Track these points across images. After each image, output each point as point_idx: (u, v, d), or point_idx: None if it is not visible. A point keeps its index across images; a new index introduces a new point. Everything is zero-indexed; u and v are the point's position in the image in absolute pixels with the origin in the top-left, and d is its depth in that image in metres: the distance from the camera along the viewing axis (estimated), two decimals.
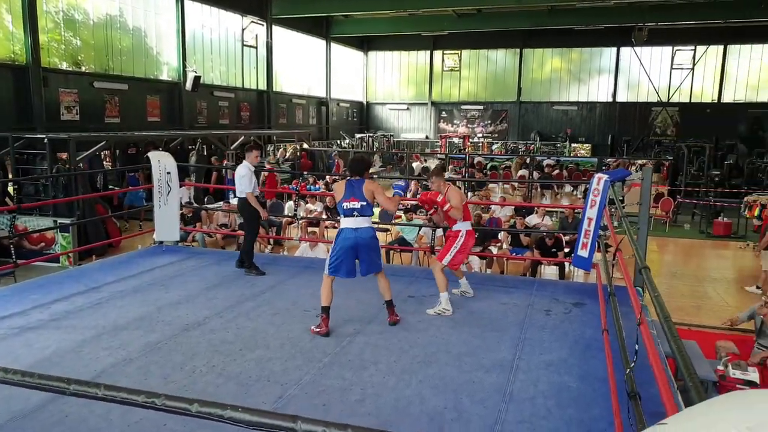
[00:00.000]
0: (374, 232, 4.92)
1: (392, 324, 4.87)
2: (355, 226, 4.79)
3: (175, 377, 3.84)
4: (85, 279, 6.15)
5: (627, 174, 7.52)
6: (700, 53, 29.03)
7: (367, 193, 4.77)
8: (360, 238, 4.77)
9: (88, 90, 15.88)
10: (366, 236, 4.80)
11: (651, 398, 2.88)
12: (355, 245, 4.76)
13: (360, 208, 4.77)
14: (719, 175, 18.09)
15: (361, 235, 4.77)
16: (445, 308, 5.19)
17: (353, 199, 4.77)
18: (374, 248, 4.87)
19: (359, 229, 4.78)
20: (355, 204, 4.77)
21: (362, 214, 4.78)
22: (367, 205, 4.78)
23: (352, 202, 4.77)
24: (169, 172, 7.41)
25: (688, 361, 1.59)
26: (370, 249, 4.82)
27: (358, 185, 4.79)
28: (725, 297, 9.61)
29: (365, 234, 4.80)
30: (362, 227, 4.80)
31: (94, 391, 1.46)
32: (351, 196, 4.78)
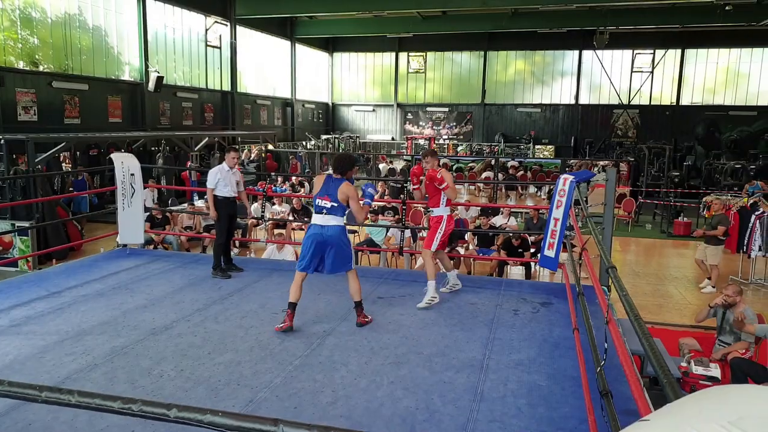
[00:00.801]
0: (341, 231, 4.82)
1: (360, 325, 4.84)
2: (322, 223, 4.77)
3: (142, 382, 3.76)
4: (46, 283, 5.98)
5: (591, 175, 7.67)
6: (659, 57, 29.78)
7: (341, 195, 4.72)
8: (326, 236, 4.74)
9: (47, 90, 15.50)
10: (331, 233, 4.75)
11: (621, 395, 2.93)
12: (321, 242, 4.74)
13: (330, 208, 4.74)
14: (678, 176, 18.53)
15: (326, 233, 4.74)
16: (433, 296, 5.32)
17: (326, 198, 4.75)
18: (340, 246, 4.78)
19: (325, 227, 4.76)
20: (326, 203, 4.75)
21: (330, 214, 4.75)
22: (338, 207, 4.74)
23: (324, 201, 4.75)
24: (132, 174, 7.27)
25: (661, 359, 1.62)
26: (335, 246, 4.75)
27: (335, 184, 4.76)
28: (686, 295, 9.86)
29: (330, 231, 4.75)
30: (329, 225, 4.76)
31: (67, 398, 1.42)
32: (325, 194, 4.76)
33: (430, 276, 5.35)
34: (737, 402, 1.03)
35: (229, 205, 6.54)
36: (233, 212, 6.65)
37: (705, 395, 1.10)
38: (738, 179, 18.15)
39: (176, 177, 16.60)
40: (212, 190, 6.44)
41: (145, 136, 17.48)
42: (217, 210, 6.46)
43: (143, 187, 7.69)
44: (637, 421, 1.07)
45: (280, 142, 26.62)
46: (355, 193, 4.82)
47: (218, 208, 6.46)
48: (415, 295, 5.82)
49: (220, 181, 6.45)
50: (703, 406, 1.05)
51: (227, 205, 6.52)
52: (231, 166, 6.53)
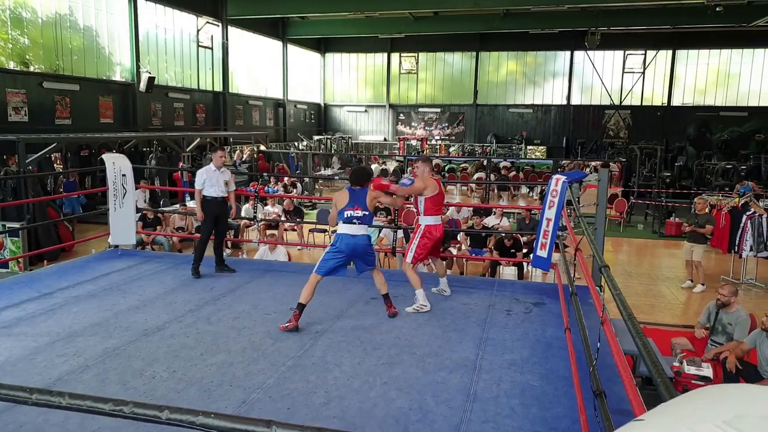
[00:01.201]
0: (369, 239, 5.16)
1: (391, 316, 5.09)
2: (353, 233, 4.96)
3: (134, 384, 3.75)
4: (37, 284, 5.94)
5: (583, 175, 7.69)
6: (650, 58, 29.90)
7: (370, 202, 5.03)
8: (358, 245, 4.97)
9: (37, 90, 15.41)
10: (363, 243, 5.01)
11: (614, 395, 2.94)
12: (353, 252, 4.98)
13: (361, 217, 4.96)
14: (670, 177, 18.63)
15: (358, 242, 4.97)
16: (423, 304, 5.28)
17: (357, 208, 4.96)
18: (370, 253, 5.12)
19: (357, 236, 4.97)
20: (357, 212, 4.96)
21: (362, 223, 4.97)
22: (369, 216, 5.00)
23: (355, 211, 4.96)
24: (124, 175, 7.23)
25: (655, 359, 1.63)
26: (365, 254, 5.06)
27: (362, 194, 5.01)
28: (678, 295, 9.90)
29: (362, 241, 5.00)
30: (359, 234, 4.98)
31: (58, 400, 1.40)
32: (355, 204, 4.97)
33: (415, 285, 5.34)
34: (732, 401, 1.03)
35: (217, 206, 6.50)
36: (221, 212, 6.59)
37: (700, 395, 1.10)
38: (729, 179, 18.27)
39: (168, 178, 16.54)
40: (200, 191, 6.42)
41: (136, 137, 17.40)
42: (204, 210, 6.44)
43: (135, 188, 7.66)
44: (632, 421, 1.07)
45: (272, 142, 26.55)
46: (382, 194, 5.25)
47: (205, 208, 6.44)
48: (408, 296, 5.81)
49: (206, 182, 6.43)
50: (697, 406, 1.05)
51: (215, 205, 6.49)
52: (218, 166, 6.50)
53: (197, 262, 6.43)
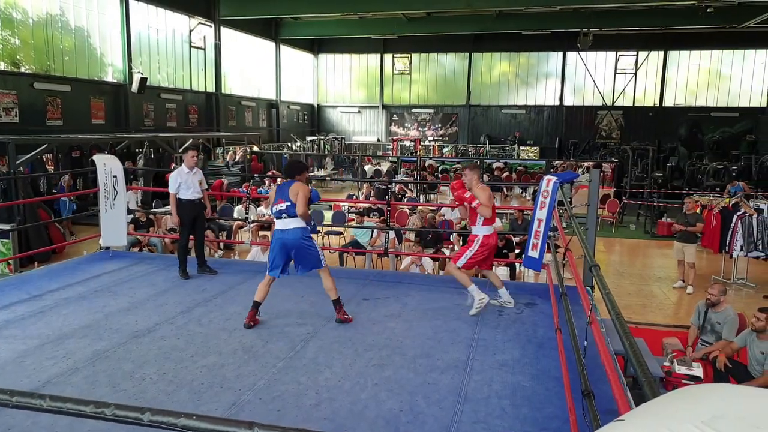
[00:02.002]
0: (303, 233, 4.82)
1: (339, 322, 4.88)
2: (282, 227, 4.81)
3: (124, 386, 3.73)
4: (27, 286, 5.91)
5: (575, 176, 7.68)
6: (642, 59, 30.01)
7: (292, 193, 4.76)
8: (287, 240, 4.78)
9: (28, 91, 15.33)
10: (293, 237, 4.78)
11: (604, 395, 2.95)
12: (284, 246, 4.79)
13: (286, 209, 4.76)
14: (662, 177, 18.70)
15: (288, 237, 4.78)
16: (480, 298, 5.15)
17: (280, 201, 4.79)
18: (305, 248, 4.82)
19: (286, 230, 4.79)
20: (282, 205, 4.78)
21: (289, 215, 4.76)
22: (293, 206, 4.74)
23: (279, 204, 4.79)
24: (115, 176, 7.20)
25: (641, 359, 1.63)
26: (300, 249, 4.80)
27: (287, 186, 4.81)
28: (670, 295, 9.94)
29: (292, 235, 4.78)
30: (289, 228, 4.78)
31: (38, 403, 1.39)
32: (279, 198, 4.82)
33: (465, 284, 5.23)
34: (711, 401, 1.04)
35: (193, 208, 6.43)
36: (198, 214, 6.53)
37: (680, 395, 1.11)
38: (720, 180, 18.36)
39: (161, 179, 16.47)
40: (174, 195, 6.33)
41: (128, 138, 17.34)
42: (180, 215, 6.36)
43: (126, 189, 7.62)
44: (613, 421, 1.07)
45: (265, 143, 26.51)
46: (305, 189, 4.83)
47: (181, 212, 6.36)
48: (400, 297, 5.83)
49: (181, 185, 6.35)
50: (677, 406, 1.06)
51: (191, 208, 6.41)
52: (190, 167, 6.41)
53: (182, 264, 6.41)
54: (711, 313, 6.33)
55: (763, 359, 5.40)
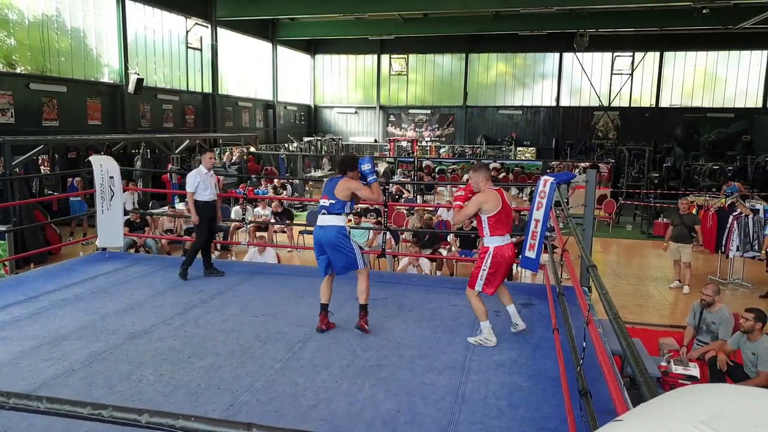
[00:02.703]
0: (339, 231, 4.64)
1: (357, 328, 4.75)
2: (321, 224, 4.70)
3: (121, 387, 3.72)
4: (23, 288, 5.89)
5: (572, 176, 7.70)
6: (638, 59, 30.07)
7: (340, 190, 4.62)
8: (323, 236, 4.66)
9: (24, 92, 15.29)
10: (328, 234, 4.64)
11: (601, 395, 2.95)
12: (320, 243, 4.69)
13: (328, 206, 4.65)
14: (658, 177, 18.72)
15: (325, 234, 4.66)
16: (488, 338, 4.54)
17: (325, 197, 4.69)
18: (340, 247, 4.64)
19: (324, 227, 4.67)
20: (325, 202, 4.67)
21: (330, 212, 4.65)
22: (336, 203, 4.63)
23: (323, 200, 4.69)
24: (111, 177, 7.19)
25: (639, 359, 1.63)
26: (335, 247, 4.64)
27: (335, 182, 4.70)
28: (666, 295, 9.96)
29: (328, 233, 4.64)
30: (327, 225, 4.66)
31: (36, 405, 1.39)
32: (325, 193, 4.72)
33: (480, 317, 4.58)
34: (709, 401, 1.04)
35: (209, 209, 6.46)
36: (213, 215, 6.57)
37: (678, 395, 1.11)
38: (716, 180, 18.39)
39: (158, 180, 16.45)
40: (192, 194, 6.33)
41: (125, 139, 17.30)
42: (198, 214, 6.36)
43: (123, 190, 7.61)
44: (611, 422, 1.07)
45: (261, 144, 26.47)
46: (357, 183, 4.68)
47: (199, 212, 6.36)
48: (397, 297, 5.83)
49: (200, 185, 6.35)
50: (675, 406, 1.06)
51: (208, 209, 6.44)
52: (209, 168, 6.41)
53: (188, 264, 6.37)
54: (706, 313, 6.34)
55: (755, 360, 5.42)
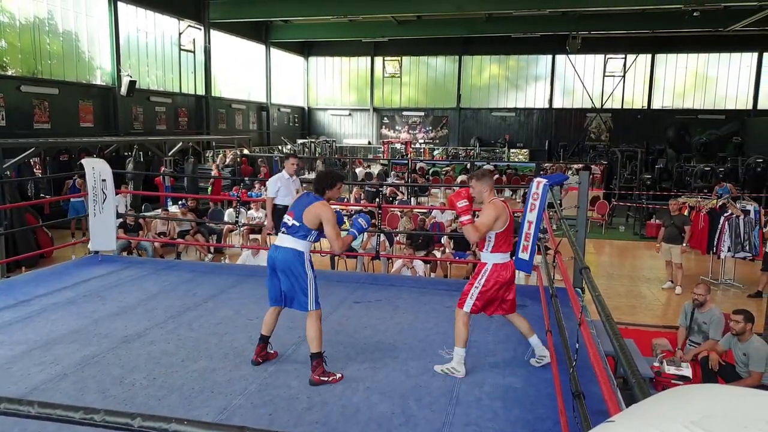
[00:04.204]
0: (298, 257, 3.91)
1: (312, 384, 3.85)
2: (277, 243, 4.03)
3: (113, 391, 3.70)
4: (14, 292, 5.86)
5: (565, 178, 7.72)
6: (630, 61, 30.21)
7: (307, 214, 3.93)
8: (277, 259, 3.95)
9: (15, 94, 15.20)
10: (282, 257, 3.93)
11: (594, 396, 2.96)
12: (273, 264, 3.99)
13: (290, 227, 3.97)
14: (650, 179, 18.79)
15: (278, 256, 3.95)
16: (455, 369, 4.04)
17: (290, 214, 4.04)
18: (293, 274, 3.91)
19: (279, 248, 3.98)
20: (289, 219, 4.01)
21: (291, 234, 3.97)
22: (299, 227, 3.93)
23: (288, 217, 4.05)
24: (104, 180, 7.16)
25: (631, 360, 1.64)
26: (286, 273, 3.92)
27: (306, 201, 4.03)
28: (659, 296, 9.99)
29: (282, 254, 3.93)
30: (282, 246, 3.96)
31: (27, 409, 1.38)
32: (292, 210, 4.08)
33: (457, 342, 4.07)
34: (701, 402, 1.05)
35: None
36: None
37: (669, 395, 1.12)
38: (708, 181, 18.47)
39: (150, 182, 16.38)
40: (272, 200, 6.17)
41: (117, 141, 17.24)
42: (275, 220, 6.25)
43: (115, 193, 7.58)
44: (603, 423, 1.08)
45: (255, 146, 26.44)
46: (330, 215, 3.93)
47: (276, 216, 6.25)
48: (391, 299, 5.83)
49: (281, 190, 6.25)
50: (667, 407, 1.06)
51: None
52: (291, 174, 6.28)
53: None
54: (697, 313, 6.38)
55: (746, 360, 5.45)
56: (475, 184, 4.16)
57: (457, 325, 4.07)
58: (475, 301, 4.07)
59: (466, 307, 4.08)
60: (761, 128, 26.17)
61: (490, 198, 4.15)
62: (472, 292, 4.09)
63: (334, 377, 3.91)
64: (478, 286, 4.07)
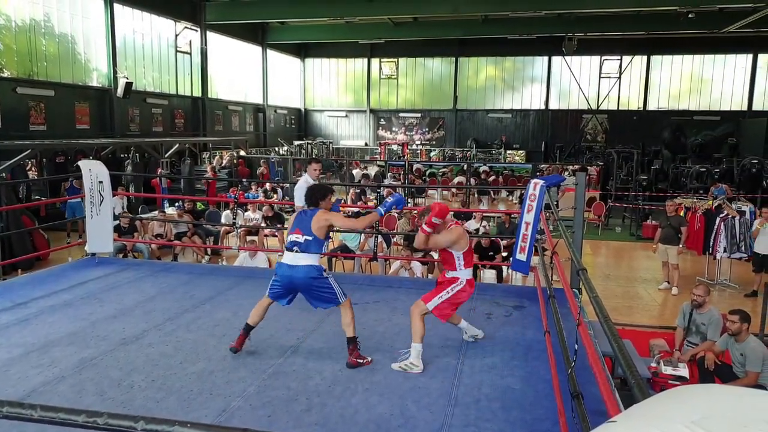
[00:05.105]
0: (314, 273, 4.12)
1: (349, 366, 4.13)
2: (291, 263, 4.14)
3: (111, 394, 3.70)
4: (11, 294, 5.84)
5: (561, 179, 7.73)
6: (626, 63, 30.30)
7: (316, 224, 4.11)
8: (295, 278, 4.12)
9: (11, 96, 15.18)
10: (301, 276, 4.10)
11: (593, 397, 2.97)
12: (291, 284, 4.18)
13: (303, 243, 4.12)
14: (646, 180, 18.84)
15: (296, 275, 4.11)
16: (414, 363, 4.14)
17: (297, 231, 4.17)
18: (316, 288, 4.16)
19: (295, 268, 4.12)
20: (299, 237, 4.14)
21: (303, 251, 4.12)
22: (313, 241, 4.13)
23: (296, 235, 4.17)
24: (101, 182, 7.15)
25: (629, 360, 1.65)
26: (310, 289, 4.16)
27: (309, 216, 4.19)
28: (655, 297, 10.02)
29: (301, 274, 4.10)
30: (299, 265, 4.11)
31: (29, 413, 1.38)
32: (296, 227, 4.21)
33: (414, 337, 4.19)
34: (700, 402, 1.05)
35: None
36: None
37: (669, 396, 1.13)
38: (703, 182, 18.53)
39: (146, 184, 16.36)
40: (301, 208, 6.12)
41: (114, 143, 17.21)
42: None
43: (112, 195, 7.57)
44: (604, 423, 1.08)
45: (252, 148, 26.42)
46: (336, 214, 4.32)
47: None
48: (389, 301, 5.83)
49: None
50: (667, 407, 1.07)
51: None
52: (315, 179, 6.20)
53: None
54: (696, 314, 6.40)
55: (743, 360, 5.47)
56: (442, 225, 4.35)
57: (414, 321, 4.25)
58: (440, 304, 4.31)
59: (429, 305, 4.29)
60: (756, 129, 26.27)
61: (450, 223, 4.48)
62: (441, 295, 4.32)
63: (366, 360, 4.23)
64: (450, 293, 4.33)
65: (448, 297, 4.32)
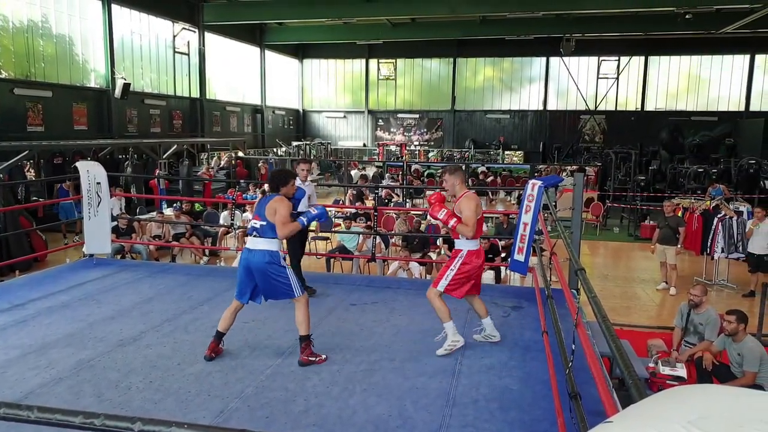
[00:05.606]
0: (270, 258, 4.16)
1: (300, 365, 4.17)
2: (250, 246, 4.24)
3: (109, 395, 3.69)
4: (8, 295, 5.83)
5: (559, 180, 7.75)
6: (623, 63, 30.34)
7: (270, 211, 4.17)
8: (252, 262, 4.18)
9: (8, 97, 15.16)
10: (257, 261, 4.15)
11: (591, 397, 2.97)
12: (248, 268, 4.21)
13: (260, 228, 4.20)
14: (644, 180, 18.87)
15: (252, 258, 4.18)
16: (454, 341, 4.37)
17: (256, 217, 4.26)
18: (271, 275, 4.16)
19: (253, 252, 4.19)
20: (256, 222, 4.23)
21: (261, 235, 4.20)
22: (268, 226, 4.17)
23: (255, 221, 4.26)
24: (99, 183, 7.14)
25: (627, 361, 1.65)
26: (265, 275, 4.16)
27: (266, 201, 4.26)
28: (654, 297, 10.03)
29: (257, 258, 4.16)
30: (256, 249, 4.19)
31: (26, 414, 1.38)
32: (256, 213, 4.30)
33: (442, 318, 4.38)
34: (697, 402, 1.06)
35: None
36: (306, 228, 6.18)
37: (666, 396, 1.13)
38: (701, 183, 18.55)
39: (144, 185, 16.35)
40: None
41: (111, 144, 17.20)
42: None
43: (110, 196, 7.56)
44: (601, 423, 1.09)
45: (250, 149, 26.42)
46: (282, 206, 4.19)
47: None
48: (388, 302, 5.83)
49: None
50: (664, 407, 1.07)
51: None
52: (303, 180, 6.16)
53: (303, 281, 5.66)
54: (693, 314, 6.40)
55: (740, 360, 5.48)
56: (449, 178, 4.53)
57: (434, 304, 4.40)
58: (450, 282, 4.40)
59: (440, 286, 4.40)
60: (753, 129, 26.31)
61: (462, 191, 4.50)
62: (447, 274, 4.41)
63: (320, 358, 4.25)
64: (454, 269, 4.41)
65: (454, 273, 4.40)
